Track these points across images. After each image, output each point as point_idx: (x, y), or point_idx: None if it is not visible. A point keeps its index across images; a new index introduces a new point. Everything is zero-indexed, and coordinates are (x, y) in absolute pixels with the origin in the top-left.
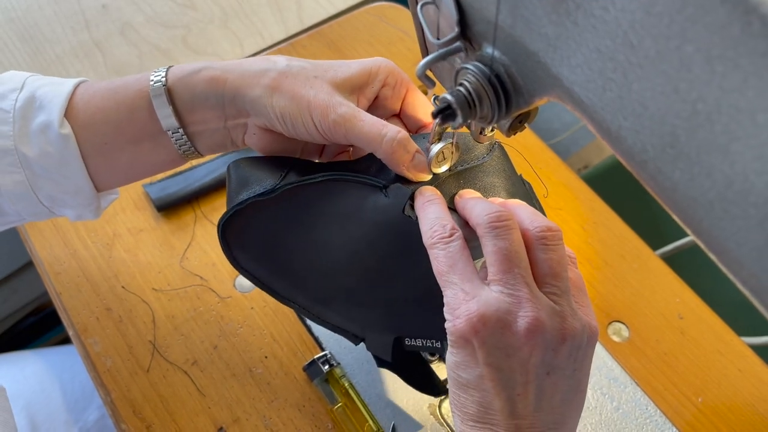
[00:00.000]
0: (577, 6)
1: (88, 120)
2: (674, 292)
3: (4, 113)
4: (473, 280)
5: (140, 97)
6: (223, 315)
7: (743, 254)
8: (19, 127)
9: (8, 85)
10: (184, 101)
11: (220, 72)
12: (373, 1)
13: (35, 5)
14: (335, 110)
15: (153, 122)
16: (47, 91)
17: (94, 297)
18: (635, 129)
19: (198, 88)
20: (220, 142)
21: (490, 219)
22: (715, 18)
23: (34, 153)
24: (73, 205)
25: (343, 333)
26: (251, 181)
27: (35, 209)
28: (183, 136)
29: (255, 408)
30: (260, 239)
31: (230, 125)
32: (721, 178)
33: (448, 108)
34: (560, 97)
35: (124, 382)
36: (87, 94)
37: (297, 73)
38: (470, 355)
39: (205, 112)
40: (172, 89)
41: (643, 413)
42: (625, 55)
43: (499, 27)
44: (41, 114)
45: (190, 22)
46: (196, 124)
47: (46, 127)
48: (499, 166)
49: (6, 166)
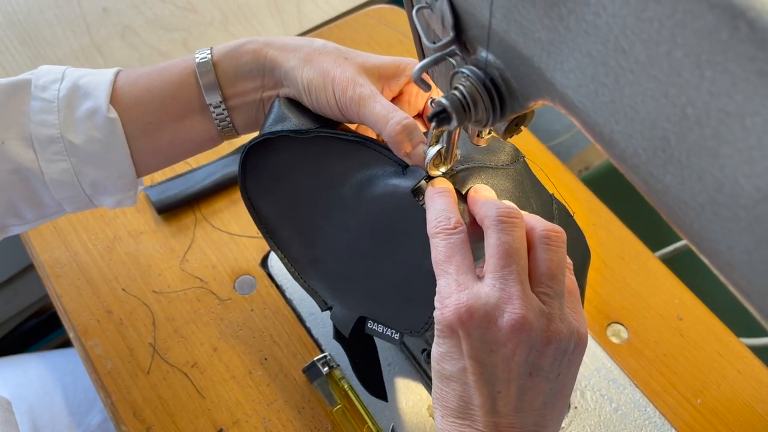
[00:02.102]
0: (570, 11)
1: (133, 101)
2: (673, 293)
3: (47, 103)
4: (468, 273)
5: (186, 74)
6: (223, 317)
7: (734, 256)
8: (64, 116)
9: (47, 77)
10: (227, 74)
11: (263, 45)
12: (372, 3)
13: (36, 9)
14: (354, 89)
15: (196, 97)
16: (90, 79)
17: (95, 299)
18: (627, 133)
19: (243, 59)
20: (254, 118)
21: (500, 212)
22: (703, 23)
23: (80, 139)
24: (114, 192)
25: (314, 296)
26: (290, 119)
27: (77, 198)
28: (224, 111)
29: (255, 410)
30: (276, 178)
31: (265, 96)
32: (712, 181)
33: (443, 112)
34: (554, 101)
35: (124, 384)
36: (131, 78)
37: (330, 51)
38: (455, 347)
39: (246, 82)
40: (218, 64)
41: (642, 414)
42: (617, 60)
43: (493, 31)
44: (87, 101)
45: (190, 25)
46: (236, 97)
47: (93, 112)
48: (518, 177)
49: (51, 154)
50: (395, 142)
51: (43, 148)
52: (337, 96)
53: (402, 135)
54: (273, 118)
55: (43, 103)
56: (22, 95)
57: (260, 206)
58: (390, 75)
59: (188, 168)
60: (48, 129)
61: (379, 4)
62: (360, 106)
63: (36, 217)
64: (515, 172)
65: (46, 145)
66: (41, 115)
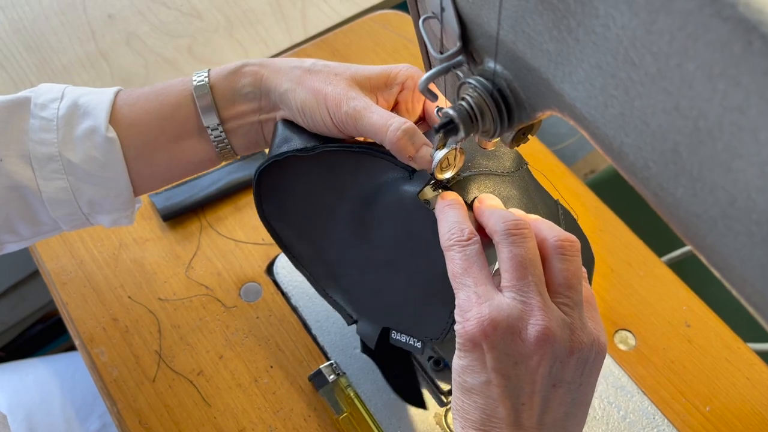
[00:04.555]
0: (579, 23)
1: (131, 122)
2: (681, 299)
3: (46, 122)
4: (487, 285)
5: (183, 96)
6: (229, 324)
7: (747, 270)
8: (63, 134)
9: (47, 96)
10: (225, 97)
11: (259, 67)
12: (377, 9)
13: (42, 16)
14: (348, 103)
15: (193, 120)
16: (90, 99)
17: (101, 307)
18: (637, 145)
19: (240, 82)
20: (253, 140)
21: (507, 226)
22: (716, 36)
23: (78, 158)
24: (111, 210)
25: (341, 311)
26: (294, 139)
27: (73, 216)
28: (221, 133)
29: (261, 418)
30: (291, 198)
31: (263, 119)
32: (724, 195)
33: (450, 123)
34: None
35: (130, 392)
36: (130, 98)
37: (320, 70)
38: (478, 360)
39: (243, 105)
40: (215, 86)
41: (650, 422)
42: (627, 72)
43: (501, 42)
44: (86, 120)
45: (195, 31)
46: (234, 120)
47: (92, 132)
48: (523, 184)
49: (50, 173)
50: (398, 148)
51: (42, 166)
52: (331, 113)
53: (403, 140)
54: (278, 140)
55: (42, 121)
56: (22, 113)
57: (280, 228)
58: (382, 84)
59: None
60: (46, 147)
61: (383, 9)
62: (356, 120)
63: (32, 235)
64: (520, 179)
65: (44, 163)
66: (40, 134)
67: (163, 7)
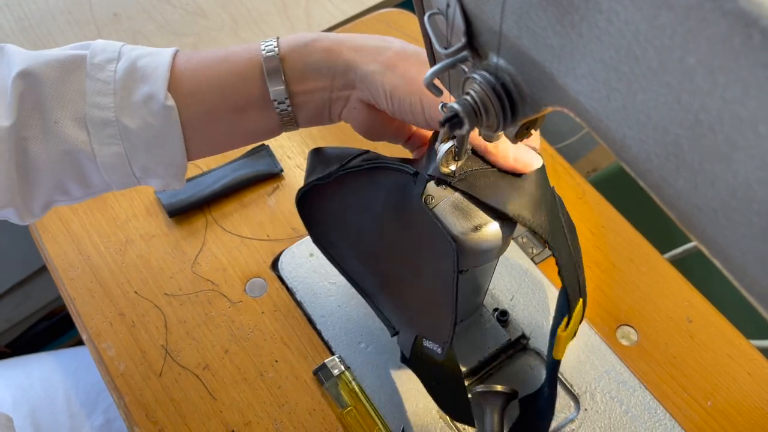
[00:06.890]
0: (582, 18)
1: (192, 89)
2: (683, 295)
3: (103, 84)
4: None
5: (251, 66)
6: (234, 319)
7: (747, 262)
8: (120, 99)
9: (102, 55)
10: (295, 71)
11: (335, 43)
12: (381, 7)
13: (48, 14)
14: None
15: (260, 91)
16: (148, 61)
17: (107, 302)
18: (639, 138)
19: (312, 57)
20: (318, 115)
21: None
22: (716, 30)
23: (136, 124)
24: (163, 175)
25: (386, 322)
26: (317, 169)
27: (126, 180)
28: (288, 107)
29: (266, 411)
30: (330, 220)
31: (334, 97)
32: (724, 186)
33: (455, 117)
34: (566, 107)
35: (137, 386)
36: (191, 64)
37: (412, 56)
38: None
39: (315, 81)
40: (285, 58)
41: (652, 417)
42: (629, 66)
43: (505, 37)
44: (145, 85)
45: (200, 30)
46: (303, 95)
47: (150, 98)
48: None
49: (106, 137)
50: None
51: (98, 130)
52: (425, 105)
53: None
54: (307, 169)
55: (99, 84)
56: (78, 72)
57: (329, 248)
58: None
59: (199, 172)
60: (103, 112)
61: (387, 8)
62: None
63: (83, 195)
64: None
65: (100, 128)
66: (96, 97)
67: (168, 5)
